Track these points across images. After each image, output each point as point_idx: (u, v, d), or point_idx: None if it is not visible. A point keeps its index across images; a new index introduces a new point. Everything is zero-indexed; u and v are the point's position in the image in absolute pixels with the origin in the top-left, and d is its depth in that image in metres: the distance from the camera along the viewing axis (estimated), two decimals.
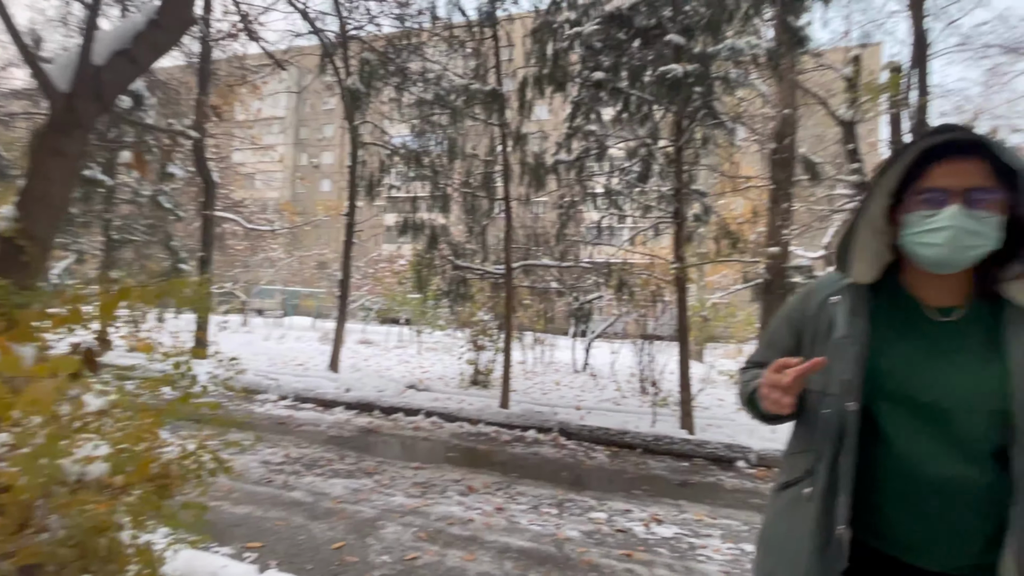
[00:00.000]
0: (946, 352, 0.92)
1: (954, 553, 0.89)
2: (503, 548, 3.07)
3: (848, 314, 0.97)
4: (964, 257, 0.89)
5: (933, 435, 0.90)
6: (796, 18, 5.26)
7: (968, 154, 0.89)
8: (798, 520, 0.98)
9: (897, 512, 0.92)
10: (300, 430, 5.68)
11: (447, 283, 7.61)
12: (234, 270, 25.06)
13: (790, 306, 1.13)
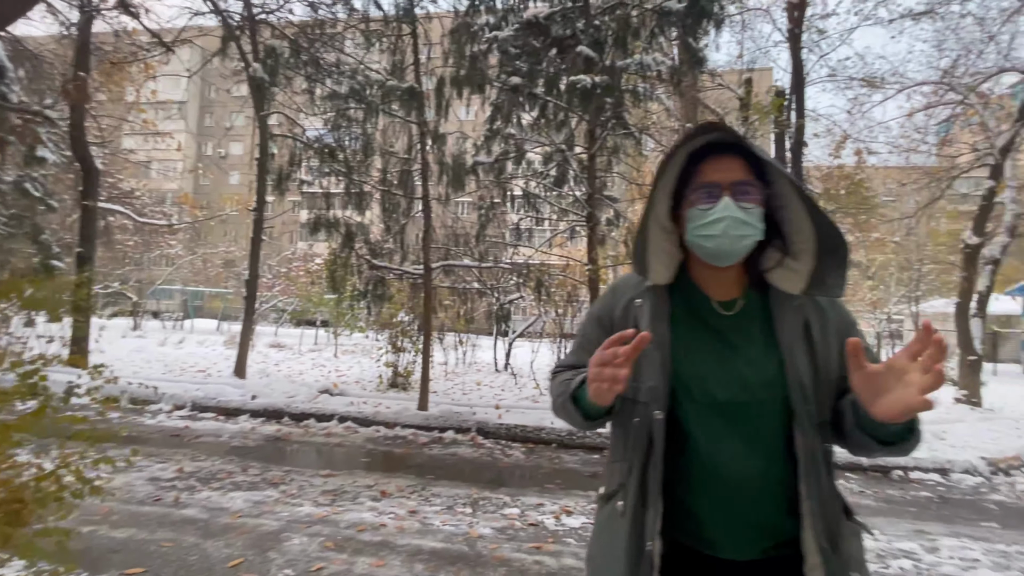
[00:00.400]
0: (735, 346, 0.94)
1: (761, 541, 0.92)
2: (414, 551, 3.04)
3: (650, 319, 0.96)
4: (738, 247, 0.92)
5: (733, 433, 0.91)
6: (696, 40, 5.70)
7: (729, 151, 0.94)
8: (613, 535, 0.96)
9: (707, 512, 0.93)
10: (198, 442, 5.24)
11: (364, 283, 7.38)
12: (124, 268, 22.57)
13: (599, 305, 1.10)
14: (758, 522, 0.91)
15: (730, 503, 0.91)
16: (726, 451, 0.91)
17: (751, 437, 0.91)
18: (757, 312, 0.97)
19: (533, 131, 7.15)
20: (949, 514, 4.12)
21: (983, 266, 9.32)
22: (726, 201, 0.90)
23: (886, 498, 4.47)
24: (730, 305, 0.98)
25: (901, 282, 21.99)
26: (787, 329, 0.93)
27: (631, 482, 0.94)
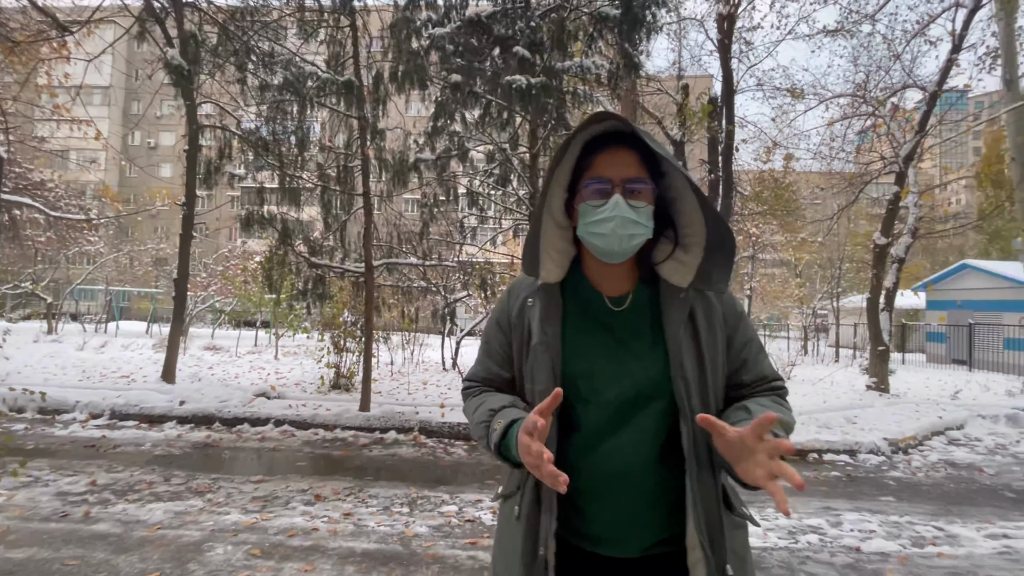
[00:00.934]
0: (624, 342, 0.94)
1: (647, 537, 0.93)
2: (346, 553, 3.00)
3: (540, 320, 0.95)
4: (627, 247, 0.91)
5: (621, 429, 0.92)
6: (632, 46, 5.90)
7: (624, 143, 0.93)
8: (511, 538, 0.97)
9: (597, 510, 0.94)
10: (115, 452, 4.90)
11: (303, 282, 7.14)
12: (35, 267, 20.67)
13: (498, 309, 1.08)
14: (644, 518, 0.93)
15: (618, 499, 0.92)
16: (614, 447, 0.91)
17: (638, 432, 0.92)
18: (647, 306, 0.97)
19: (477, 129, 7.16)
20: (854, 491, 4.50)
21: (890, 264, 10.20)
22: (616, 199, 0.89)
23: (804, 479, 4.81)
24: (621, 300, 0.97)
25: (825, 279, 23.69)
26: (673, 322, 0.93)
27: (527, 485, 0.94)
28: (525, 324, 0.98)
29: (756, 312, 25.73)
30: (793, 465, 3.44)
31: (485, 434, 0.95)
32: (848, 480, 4.84)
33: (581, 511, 0.94)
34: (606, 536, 0.94)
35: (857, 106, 11.08)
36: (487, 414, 0.96)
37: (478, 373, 1.08)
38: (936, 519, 3.84)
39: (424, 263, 7.13)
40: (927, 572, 3.00)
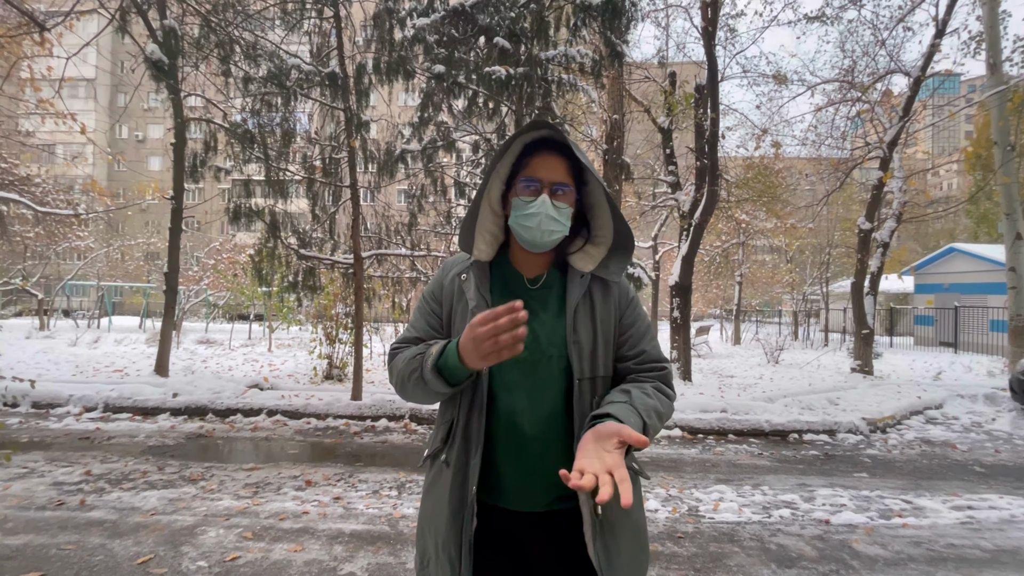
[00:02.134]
0: (534, 312, 1.06)
1: (548, 492, 1.03)
2: (335, 535, 3.11)
3: (475, 288, 1.08)
4: (548, 240, 1.06)
5: (526, 384, 1.04)
6: (615, 35, 5.93)
7: (557, 150, 1.07)
8: (440, 488, 1.06)
9: (506, 464, 1.05)
10: (109, 443, 4.99)
11: (293, 274, 7.19)
12: (24, 263, 20.52)
13: (432, 283, 1.21)
14: (545, 472, 1.00)
15: (523, 453, 1.03)
16: (520, 402, 1.03)
17: (540, 388, 1.04)
18: (556, 286, 1.12)
19: (464, 119, 7.18)
20: (830, 468, 4.66)
21: (875, 249, 10.35)
22: (543, 198, 1.04)
23: (780, 458, 4.97)
24: (536, 281, 1.13)
25: (815, 264, 23.91)
26: (573, 298, 1.08)
27: (456, 437, 1.05)
28: (457, 293, 1.12)
29: (747, 298, 25.98)
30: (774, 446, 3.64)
31: (419, 365, 1.02)
32: (825, 458, 5.00)
33: (494, 464, 1.05)
34: (513, 489, 1.05)
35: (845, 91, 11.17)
36: (420, 350, 1.06)
37: (408, 336, 1.16)
38: (905, 493, 4.00)
39: (413, 253, 7.19)
40: (891, 542, 3.15)
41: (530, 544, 1.07)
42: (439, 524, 1.05)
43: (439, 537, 1.05)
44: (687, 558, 2.90)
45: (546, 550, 1.06)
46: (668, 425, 5.93)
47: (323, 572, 2.67)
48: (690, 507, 3.64)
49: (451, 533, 1.03)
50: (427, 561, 1.09)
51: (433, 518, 1.08)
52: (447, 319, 1.14)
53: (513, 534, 1.07)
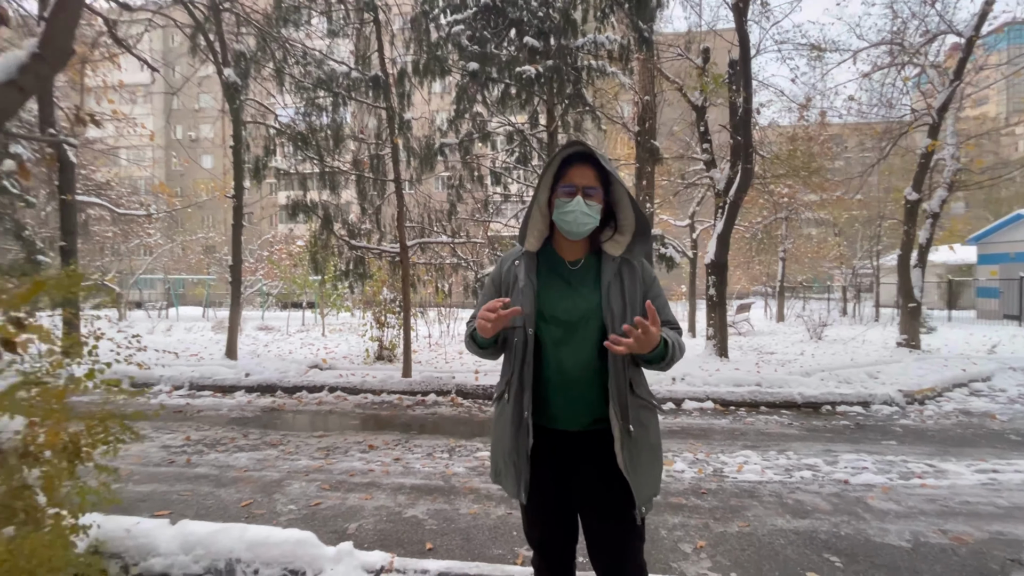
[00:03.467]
0: (575, 287, 1.46)
1: (587, 416, 1.42)
2: (398, 487, 3.61)
3: (525, 272, 1.46)
4: (583, 230, 1.43)
5: (570, 343, 1.41)
6: (643, 21, 6.06)
7: (587, 160, 1.43)
8: (504, 418, 1.46)
9: (554, 397, 1.42)
10: (199, 415, 5.74)
11: (344, 264, 7.79)
12: (104, 259, 22.45)
13: (493, 274, 1.60)
14: (584, 402, 1.41)
15: (568, 388, 1.42)
16: (565, 353, 1.41)
17: (580, 342, 1.41)
18: (592, 267, 1.49)
19: (498, 111, 7.48)
20: (859, 436, 4.82)
21: (924, 219, 10.01)
22: (578, 199, 1.41)
23: (810, 428, 5.15)
24: (576, 263, 1.50)
25: (866, 238, 22.90)
26: (606, 275, 1.45)
27: (513, 380, 1.43)
28: (512, 276, 1.50)
29: (793, 274, 25.20)
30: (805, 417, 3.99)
31: (469, 331, 1.50)
32: (856, 428, 5.14)
33: (545, 398, 1.43)
34: (562, 415, 1.43)
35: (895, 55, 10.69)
36: (471, 326, 1.51)
37: (473, 314, 1.57)
38: (931, 458, 4.15)
39: (454, 240, 7.62)
40: (905, 499, 3.36)
41: (573, 456, 1.43)
42: (505, 443, 1.44)
43: (505, 452, 1.44)
44: (708, 509, 3.22)
45: (585, 459, 1.43)
46: (700, 397, 6.19)
47: (391, 515, 3.17)
48: (715, 469, 3.94)
49: (513, 448, 1.41)
50: (498, 472, 1.51)
51: (500, 440, 1.48)
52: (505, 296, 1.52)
53: (559, 449, 1.43)
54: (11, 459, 1.84)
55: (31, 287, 1.69)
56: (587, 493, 1.43)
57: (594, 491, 1.42)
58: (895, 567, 2.55)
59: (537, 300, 1.44)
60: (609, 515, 1.41)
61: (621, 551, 1.42)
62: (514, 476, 1.42)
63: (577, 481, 1.44)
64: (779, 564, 2.58)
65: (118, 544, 2.38)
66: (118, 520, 2.55)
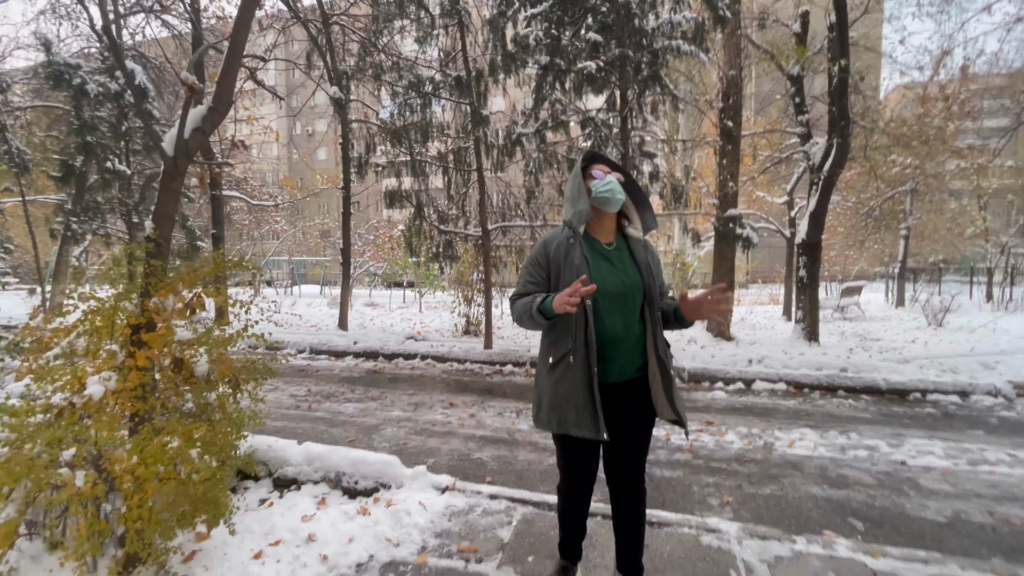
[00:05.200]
0: (616, 264, 1.83)
1: (632, 368, 1.81)
2: (470, 436, 4.26)
3: (578, 250, 1.79)
4: (617, 199, 1.82)
5: (619, 310, 1.78)
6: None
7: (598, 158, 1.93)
8: (571, 376, 1.73)
9: (608, 354, 1.77)
10: (317, 374, 6.90)
11: (435, 246, 8.63)
12: (242, 244, 26.14)
13: (537, 253, 1.88)
14: (631, 356, 1.82)
15: (621, 347, 1.79)
16: (616, 319, 1.79)
17: (627, 311, 1.81)
18: (623, 248, 1.90)
19: (576, 95, 7.75)
20: (940, 424, 4.60)
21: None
22: (610, 176, 1.85)
23: (886, 413, 4.98)
24: (611, 244, 1.89)
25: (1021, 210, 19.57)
26: (640, 255, 1.88)
27: (579, 344, 1.74)
28: (562, 257, 1.82)
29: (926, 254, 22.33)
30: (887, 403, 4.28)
31: (529, 307, 1.75)
32: (942, 416, 4.89)
33: (603, 356, 1.79)
34: (613, 369, 1.80)
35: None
36: (530, 299, 1.80)
37: (522, 290, 1.89)
38: (1016, 450, 3.92)
39: (532, 224, 8.11)
40: (963, 482, 3.31)
41: (621, 400, 1.81)
42: (580, 395, 1.73)
43: (580, 403, 1.73)
44: (745, 475, 3.46)
45: (629, 403, 1.83)
46: (772, 379, 6.15)
47: (461, 456, 3.81)
48: (766, 443, 4.09)
49: (589, 398, 1.73)
50: (565, 422, 1.77)
51: (571, 394, 1.75)
52: (553, 275, 1.84)
53: (611, 397, 1.79)
54: (201, 383, 2.68)
55: (214, 266, 2.47)
56: (628, 423, 1.83)
57: (633, 420, 1.84)
58: (918, 535, 2.66)
59: (590, 275, 1.76)
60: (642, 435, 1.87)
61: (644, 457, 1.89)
62: (592, 420, 1.72)
63: (624, 418, 1.82)
64: (799, 522, 2.81)
65: (263, 454, 3.24)
66: (263, 439, 3.44)
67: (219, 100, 2.37)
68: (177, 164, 2.31)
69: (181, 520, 2.34)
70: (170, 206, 2.34)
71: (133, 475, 1.87)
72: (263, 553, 2.41)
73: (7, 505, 1.96)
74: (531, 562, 2.23)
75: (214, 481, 2.30)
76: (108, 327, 2.24)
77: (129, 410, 2.14)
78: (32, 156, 10.64)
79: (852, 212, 17.75)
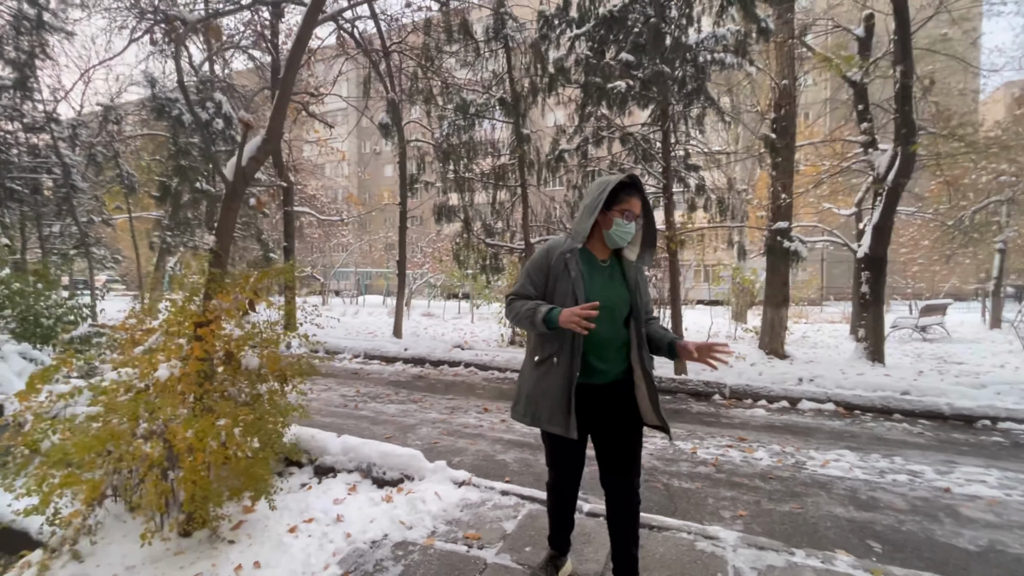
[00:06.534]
0: (608, 280, 1.95)
1: (616, 372, 1.92)
2: (497, 439, 4.46)
3: (576, 263, 1.89)
4: (625, 243, 1.93)
5: (606, 320, 1.85)
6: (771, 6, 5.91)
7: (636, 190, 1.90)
8: (553, 377, 1.86)
9: (594, 360, 1.88)
10: (368, 377, 7.37)
11: (482, 259, 8.98)
12: (312, 256, 28.03)
13: (539, 258, 1.96)
14: (616, 362, 1.93)
15: (606, 352, 1.91)
16: (603, 326, 1.86)
17: (615, 321, 1.93)
18: (616, 266, 2.01)
19: (620, 110, 7.87)
20: (1004, 454, 4.25)
21: None
22: (633, 223, 1.91)
23: (944, 439, 4.65)
24: (605, 261, 1.99)
25: None
26: (630, 276, 1.99)
27: (565, 347, 1.86)
28: (563, 266, 1.92)
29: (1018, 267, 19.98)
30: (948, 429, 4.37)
31: (532, 314, 1.83)
32: (1010, 445, 4.50)
33: (587, 361, 1.90)
34: (600, 373, 1.92)
35: None
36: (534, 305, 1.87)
37: (520, 292, 1.98)
38: None
39: None
40: (1011, 513, 3.09)
41: (605, 402, 1.91)
42: (555, 395, 1.85)
43: (555, 402, 1.85)
44: (767, 491, 3.41)
45: (611, 404, 1.93)
46: (820, 398, 5.88)
47: (486, 456, 4.02)
48: (797, 461, 3.98)
49: (565, 399, 1.84)
50: (537, 416, 1.90)
51: (548, 393, 1.88)
52: (551, 283, 1.94)
53: (590, 400, 1.89)
54: (253, 376, 3.08)
55: (261, 274, 2.86)
56: (614, 425, 1.93)
57: (619, 423, 1.93)
58: (941, 561, 2.55)
59: (585, 287, 1.89)
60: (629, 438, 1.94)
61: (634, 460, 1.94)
62: (563, 418, 1.84)
63: (607, 418, 1.93)
64: (812, 539, 2.76)
65: (306, 444, 3.61)
66: (308, 431, 3.82)
67: (271, 133, 2.78)
68: (236, 187, 2.72)
69: (232, 492, 2.72)
70: (229, 222, 2.75)
71: (188, 446, 2.24)
72: (297, 528, 2.73)
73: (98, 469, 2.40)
74: (528, 552, 2.39)
75: (257, 459, 2.65)
76: (177, 324, 2.66)
77: (191, 392, 2.54)
78: (138, 178, 12.17)
79: (938, 225, 16.35)
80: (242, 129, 2.54)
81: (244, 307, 2.93)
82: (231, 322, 2.73)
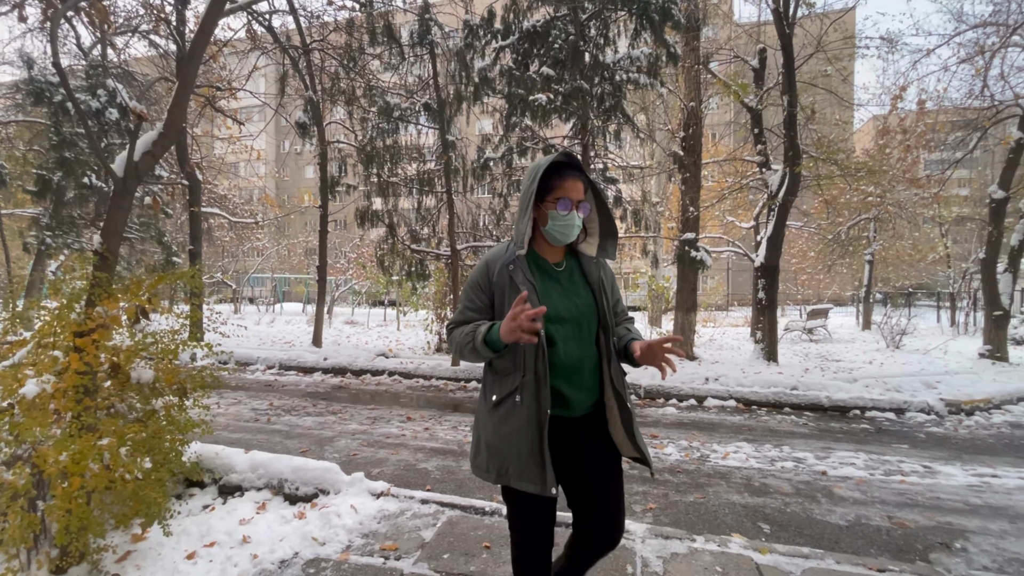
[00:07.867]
0: (567, 288, 1.53)
1: (589, 401, 1.51)
2: (419, 447, 4.40)
3: (523, 274, 1.47)
4: (570, 239, 1.51)
5: (573, 338, 1.48)
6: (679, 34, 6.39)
7: (575, 171, 1.51)
8: (517, 419, 1.42)
9: (563, 387, 1.47)
10: (283, 388, 6.98)
11: (408, 265, 8.83)
12: (223, 260, 26.05)
13: (477, 276, 1.55)
14: (587, 388, 1.51)
15: (578, 378, 1.50)
16: (571, 347, 1.49)
17: (582, 338, 1.51)
18: (574, 268, 1.59)
19: (543, 123, 8.11)
20: (870, 439, 4.86)
21: (1019, 219, 9.13)
22: (574, 213, 1.49)
23: (823, 428, 5.23)
24: (560, 265, 1.58)
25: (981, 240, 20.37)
26: (593, 275, 1.58)
27: (528, 379, 1.43)
28: (507, 279, 1.50)
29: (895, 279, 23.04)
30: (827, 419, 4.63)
31: (471, 338, 1.43)
32: (875, 431, 5.14)
33: (556, 389, 1.49)
34: (570, 404, 1.51)
35: (1005, 36, 9.85)
36: (473, 327, 1.47)
37: (461, 318, 1.56)
38: (933, 461, 4.17)
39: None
40: (874, 491, 3.54)
41: (580, 436, 1.53)
42: (524, 442, 1.42)
43: (526, 452, 1.42)
44: (675, 484, 3.65)
45: (588, 437, 1.55)
46: (723, 396, 6.39)
47: (408, 466, 3.95)
48: (702, 455, 4.30)
49: (538, 446, 1.42)
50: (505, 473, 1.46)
51: (515, 441, 1.43)
52: (498, 300, 1.52)
53: (565, 433, 1.51)
54: (146, 389, 2.82)
55: (158, 279, 2.64)
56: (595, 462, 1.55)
57: (600, 459, 1.56)
58: (819, 536, 2.87)
59: (540, 301, 1.48)
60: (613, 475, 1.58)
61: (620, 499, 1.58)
62: (538, 472, 1.41)
63: (585, 455, 1.55)
64: (712, 525, 3.00)
65: (210, 462, 3.36)
66: (211, 447, 3.55)
67: (169, 127, 2.59)
68: (127, 184, 2.50)
69: (117, 519, 2.47)
70: (119, 222, 2.52)
71: (62, 470, 2.01)
72: (196, 554, 2.53)
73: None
74: (446, 559, 2.38)
75: (148, 481, 2.43)
76: (51, 335, 2.39)
77: (68, 410, 2.28)
78: (9, 170, 10.70)
79: (820, 238, 18.41)
80: (135, 121, 2.34)
81: (133, 315, 2.69)
82: (122, 332, 2.49)
